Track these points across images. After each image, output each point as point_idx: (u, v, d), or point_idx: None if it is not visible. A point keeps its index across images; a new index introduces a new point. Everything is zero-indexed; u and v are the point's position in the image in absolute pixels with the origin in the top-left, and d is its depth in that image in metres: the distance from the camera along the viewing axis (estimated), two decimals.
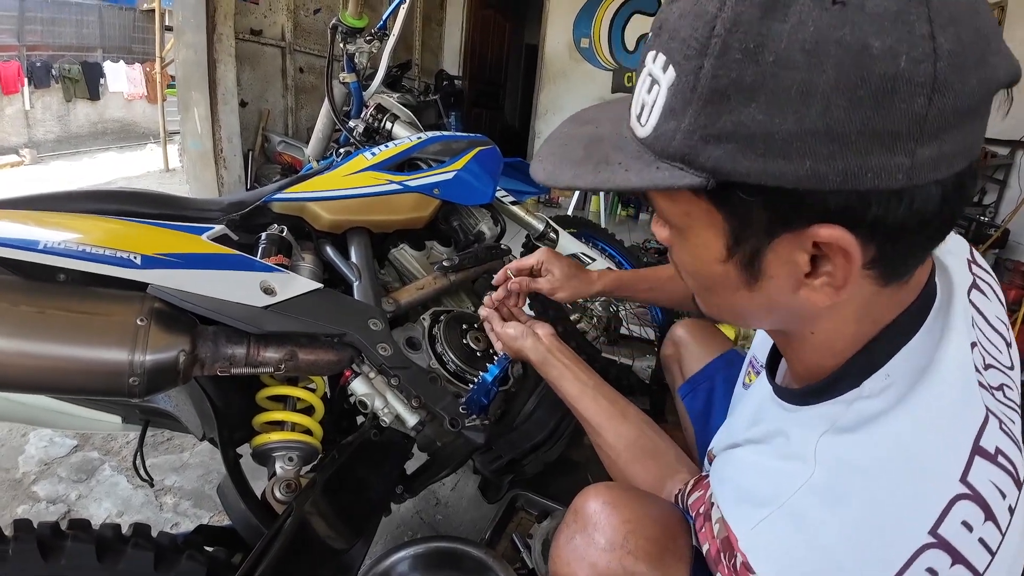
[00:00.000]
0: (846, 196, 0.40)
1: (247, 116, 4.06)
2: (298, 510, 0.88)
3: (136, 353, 0.76)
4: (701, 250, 0.50)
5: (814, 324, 0.53)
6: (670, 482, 0.81)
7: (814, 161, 0.39)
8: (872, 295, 0.49)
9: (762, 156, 0.40)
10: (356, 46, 1.77)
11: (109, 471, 1.67)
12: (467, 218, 1.52)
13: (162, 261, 0.85)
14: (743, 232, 0.46)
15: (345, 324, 0.96)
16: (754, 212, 0.44)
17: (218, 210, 1.13)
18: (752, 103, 0.39)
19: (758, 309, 0.53)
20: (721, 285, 0.52)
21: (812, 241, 0.43)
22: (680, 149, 0.43)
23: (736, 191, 0.43)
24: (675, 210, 0.50)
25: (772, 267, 0.47)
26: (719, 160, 0.41)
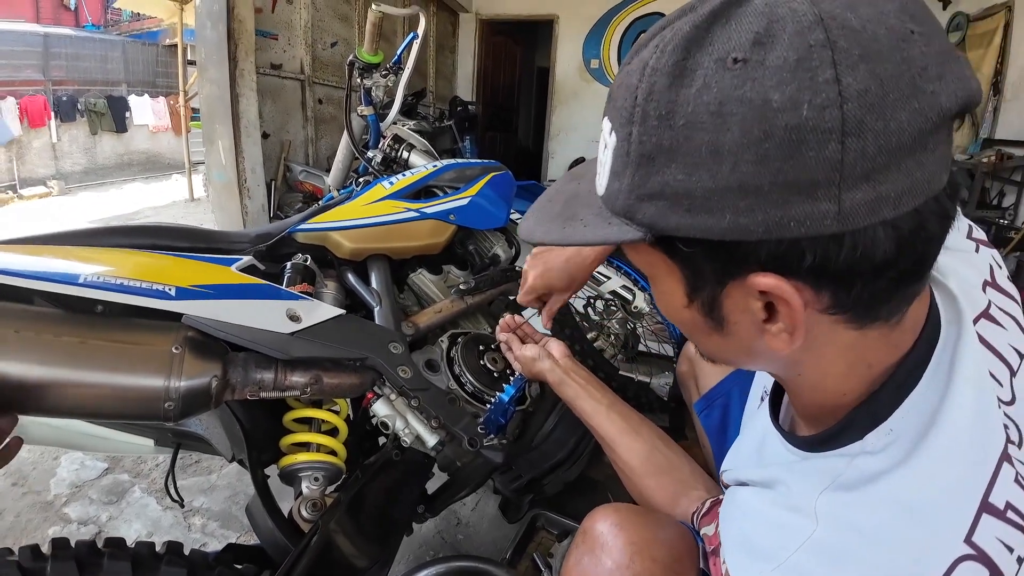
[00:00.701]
0: (775, 245, 0.40)
1: (269, 147, 4.17)
2: (323, 529, 0.91)
3: (172, 379, 0.81)
4: (668, 296, 0.51)
5: (798, 367, 0.52)
6: (684, 499, 0.82)
7: (734, 215, 0.40)
8: (855, 339, 0.47)
9: (688, 212, 0.41)
10: (373, 80, 1.84)
11: (139, 493, 1.71)
12: (482, 242, 1.56)
13: (195, 292, 0.90)
14: (697, 281, 0.47)
15: (367, 348, 1.00)
16: (699, 262, 0.46)
17: (246, 242, 1.19)
18: (672, 164, 0.41)
19: (738, 353, 0.53)
20: (696, 330, 0.52)
21: (757, 290, 0.43)
22: (623, 207, 0.46)
23: (677, 243, 0.45)
24: (640, 260, 0.52)
25: (732, 314, 0.48)
26: (653, 217, 0.44)
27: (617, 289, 1.94)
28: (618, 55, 6.81)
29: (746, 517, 0.59)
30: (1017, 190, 3.57)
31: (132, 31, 11.54)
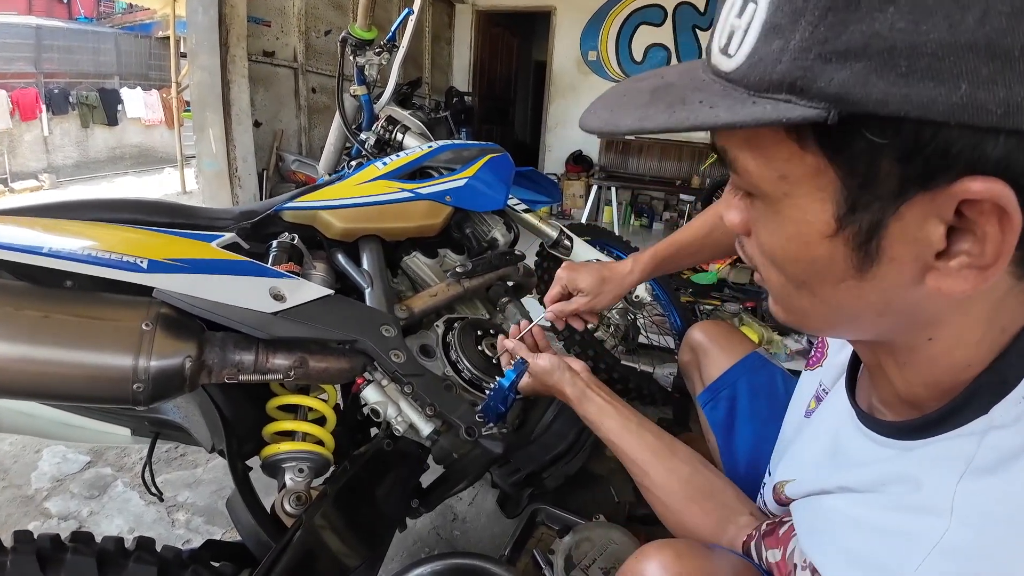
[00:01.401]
0: (1006, 140, 0.31)
1: (261, 136, 4.11)
2: (308, 523, 0.85)
3: (141, 359, 0.75)
4: (800, 226, 0.40)
5: (934, 329, 0.42)
6: (732, 526, 0.72)
7: (971, 85, 0.30)
8: (1005, 293, 0.40)
9: (904, 77, 0.31)
10: (366, 58, 1.77)
11: (122, 487, 1.66)
12: (480, 225, 1.50)
13: (169, 266, 0.84)
14: (863, 195, 0.36)
15: (357, 330, 0.93)
16: (883, 164, 0.34)
17: (229, 219, 1.12)
18: (890, 6, 0.30)
19: (865, 309, 0.42)
20: (822, 275, 0.41)
21: (956, 204, 0.34)
22: (789, 73, 0.34)
23: (863, 131, 0.33)
24: (767, 173, 0.39)
25: (894, 245, 0.37)
26: (845, 83, 0.32)
27: None
28: (616, 48, 6.74)
29: (848, 530, 0.48)
30: None
31: (125, 23, 11.43)
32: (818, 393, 0.74)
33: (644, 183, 6.28)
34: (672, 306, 2.16)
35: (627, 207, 6.52)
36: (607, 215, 6.21)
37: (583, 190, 6.43)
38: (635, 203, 6.62)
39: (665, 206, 6.66)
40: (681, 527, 0.76)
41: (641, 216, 6.51)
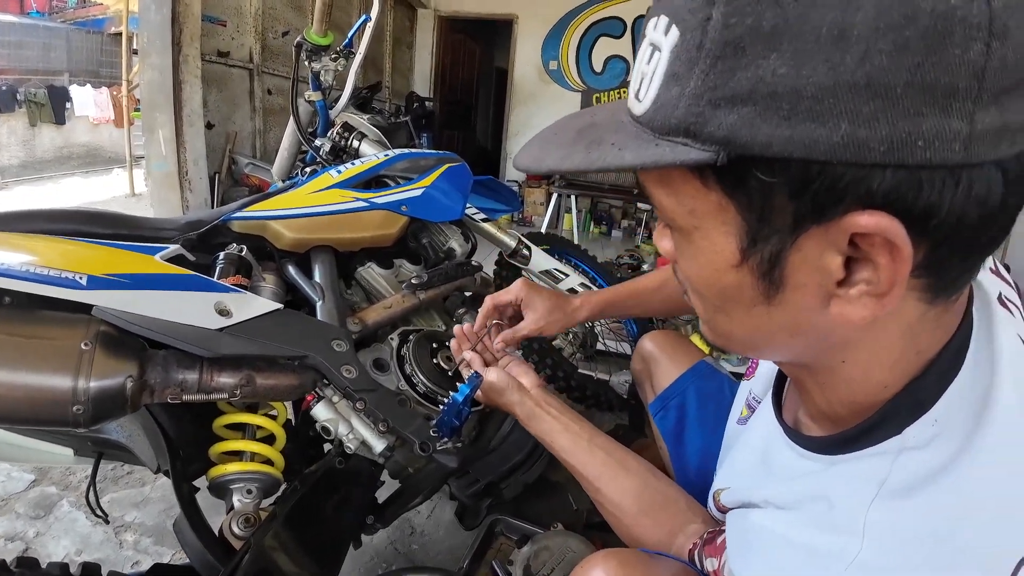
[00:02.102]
0: (892, 175, 0.32)
1: (213, 138, 3.99)
2: (256, 546, 0.82)
3: (80, 379, 0.72)
4: (710, 256, 0.42)
5: (847, 351, 0.44)
6: (681, 535, 0.73)
7: (852, 124, 0.31)
8: (918, 317, 0.41)
9: (787, 119, 0.32)
10: (322, 64, 1.74)
11: (68, 507, 1.59)
12: (437, 235, 1.49)
13: (109, 281, 0.81)
14: (761, 229, 0.38)
15: (306, 346, 0.91)
16: (775, 200, 0.36)
17: (174, 229, 1.08)
18: (773, 53, 0.32)
19: (779, 332, 0.44)
20: (734, 301, 0.43)
21: (849, 236, 0.35)
22: (684, 119, 0.36)
23: (754, 171, 0.35)
24: (678, 208, 0.41)
25: (797, 274, 0.39)
26: (733, 127, 0.34)
27: (575, 287, 1.89)
28: (576, 58, 6.83)
29: (768, 547, 0.49)
30: None
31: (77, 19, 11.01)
32: (749, 402, 0.76)
33: (603, 191, 6.35)
34: None
35: (587, 215, 6.60)
36: (567, 222, 6.26)
37: (544, 198, 6.47)
38: (594, 211, 6.70)
39: (623, 214, 6.76)
40: (633, 539, 0.77)
41: (600, 224, 6.59)
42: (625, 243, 6.08)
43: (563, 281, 1.87)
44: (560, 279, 1.87)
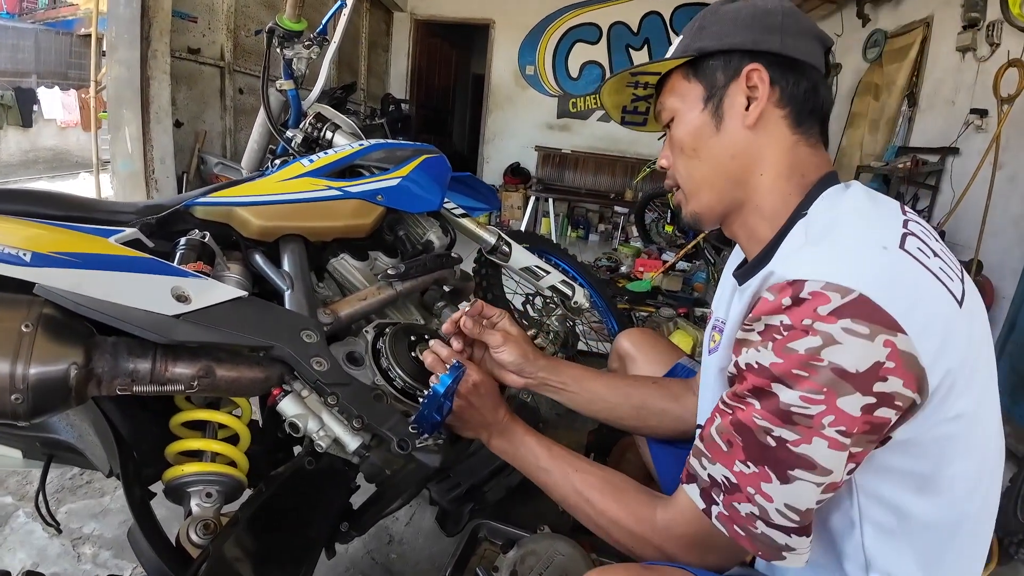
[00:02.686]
0: (760, 57, 0.74)
1: (182, 137, 3.88)
2: (215, 554, 0.75)
3: (19, 365, 0.66)
4: (691, 115, 0.78)
5: (761, 164, 0.75)
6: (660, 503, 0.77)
7: (740, 36, 0.75)
8: (793, 141, 0.74)
9: (718, 38, 0.76)
10: (294, 51, 1.67)
11: (23, 518, 1.52)
12: (414, 227, 1.43)
13: (56, 259, 0.74)
14: (712, 90, 0.76)
15: (273, 336, 0.84)
16: (717, 74, 0.76)
17: (131, 213, 1.01)
18: (711, 28, 0.78)
19: (724, 155, 0.76)
20: (701, 136, 0.77)
21: (745, 79, 0.73)
22: (686, 47, 0.79)
23: (708, 62, 0.76)
24: (677, 100, 0.80)
25: (728, 110, 0.75)
26: (700, 45, 0.77)
27: (556, 284, 1.85)
28: (553, 63, 6.86)
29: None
30: (931, 193, 3.78)
31: (47, 19, 10.73)
32: (716, 325, 0.86)
33: (580, 195, 6.38)
34: (610, 312, 2.16)
35: (564, 219, 6.60)
36: (545, 226, 6.26)
37: (521, 202, 6.46)
38: (572, 215, 6.72)
39: (600, 218, 6.79)
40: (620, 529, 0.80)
41: (578, 228, 6.60)
42: (602, 246, 6.09)
43: (543, 279, 1.83)
44: (541, 276, 1.82)
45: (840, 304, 0.56)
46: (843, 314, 0.56)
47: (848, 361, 0.56)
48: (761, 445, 0.62)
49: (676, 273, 4.03)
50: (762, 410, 0.61)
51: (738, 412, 0.64)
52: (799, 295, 0.59)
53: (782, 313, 0.60)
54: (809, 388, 0.58)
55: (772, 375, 0.60)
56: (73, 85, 9.22)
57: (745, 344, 0.65)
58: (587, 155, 6.65)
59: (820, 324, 0.57)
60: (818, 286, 0.58)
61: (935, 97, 4.00)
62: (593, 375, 1.07)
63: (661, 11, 6.47)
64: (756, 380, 0.62)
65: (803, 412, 0.59)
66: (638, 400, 1.05)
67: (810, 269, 0.60)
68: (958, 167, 3.64)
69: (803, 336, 0.58)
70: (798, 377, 0.58)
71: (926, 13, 4.14)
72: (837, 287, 0.57)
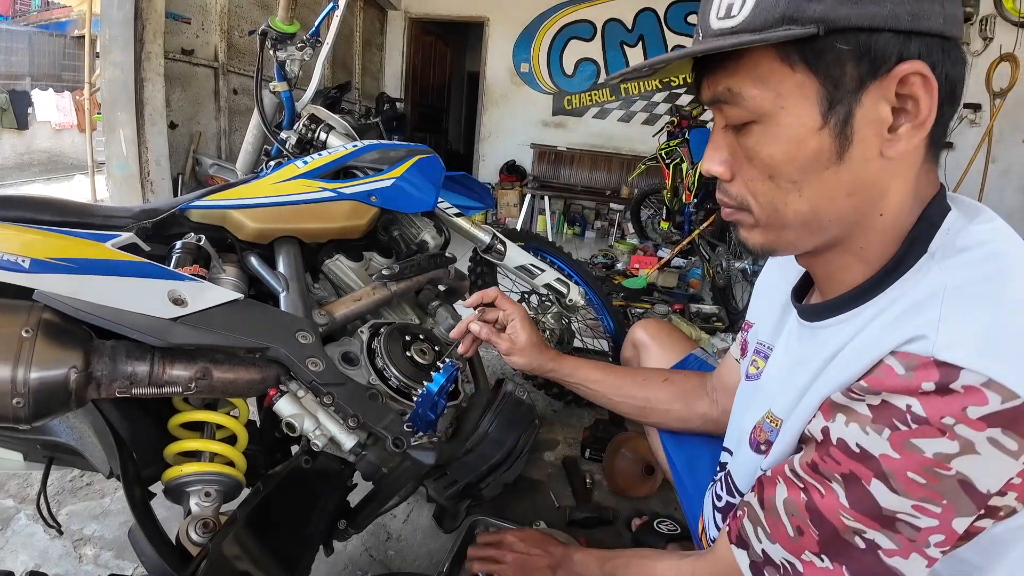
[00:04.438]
0: (916, 40, 0.49)
1: (177, 138, 3.88)
2: (214, 553, 0.76)
3: (20, 370, 0.67)
4: (795, 129, 0.53)
5: (884, 202, 0.55)
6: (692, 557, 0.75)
7: (893, 4, 0.48)
8: (921, 164, 0.56)
9: (856, 3, 0.48)
10: (287, 53, 1.67)
11: (25, 520, 1.52)
12: (408, 228, 1.44)
13: (54, 266, 0.75)
14: (836, 92, 0.51)
15: (269, 337, 0.86)
16: (846, 67, 0.50)
17: (127, 217, 1.02)
18: None
19: (840, 192, 0.55)
20: (811, 167, 0.54)
21: (895, 84, 0.50)
22: (786, 11, 0.50)
23: (835, 44, 0.49)
24: (767, 94, 0.53)
25: (861, 128, 0.52)
26: (823, 11, 0.49)
27: (552, 282, 1.86)
28: (547, 60, 6.84)
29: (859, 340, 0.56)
30: None
31: (41, 21, 10.68)
32: (760, 351, 0.80)
33: (576, 193, 6.38)
34: (605, 310, 2.17)
35: (560, 216, 6.61)
36: (541, 224, 6.27)
37: (517, 199, 6.46)
38: (568, 212, 6.72)
39: (596, 215, 6.80)
40: None
41: (574, 225, 6.61)
42: (599, 243, 6.10)
43: (539, 276, 1.84)
44: (536, 274, 1.83)
45: (997, 411, 0.45)
46: (996, 422, 0.45)
47: (979, 476, 0.46)
48: (845, 543, 0.53)
49: (672, 269, 4.04)
50: (852, 509, 0.52)
51: (816, 496, 0.54)
52: (948, 385, 0.46)
53: (916, 397, 0.47)
54: (924, 497, 0.48)
55: (879, 470, 0.49)
56: (67, 87, 9.18)
57: (847, 413, 0.53)
58: (583, 152, 6.66)
59: (964, 428, 0.46)
60: (978, 381, 0.45)
61: None
62: (601, 372, 1.10)
63: (655, 8, 6.46)
64: (852, 466, 0.51)
65: (910, 522, 0.49)
66: (641, 400, 1.07)
67: (971, 353, 0.46)
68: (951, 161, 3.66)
69: (937, 436, 0.46)
70: (912, 483, 0.48)
71: None
72: (1002, 388, 0.45)
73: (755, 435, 0.71)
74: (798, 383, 0.62)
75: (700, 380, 1.06)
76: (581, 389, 1.10)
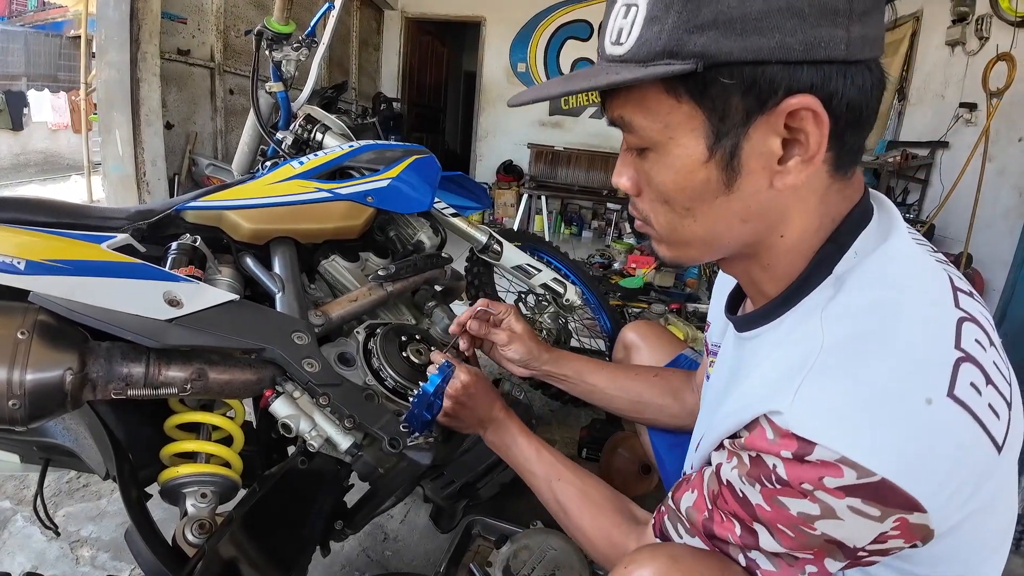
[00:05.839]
0: (807, 69, 0.47)
1: (173, 139, 3.87)
2: (210, 553, 0.76)
3: (15, 371, 0.67)
4: (684, 160, 0.52)
5: (784, 225, 0.56)
6: (633, 526, 0.78)
7: (782, 34, 0.45)
8: (827, 187, 0.54)
9: (740, 35, 0.46)
10: (283, 54, 1.67)
11: (22, 522, 1.52)
12: (405, 228, 1.44)
13: (50, 267, 0.75)
14: (722, 126, 0.50)
15: (264, 338, 0.86)
16: (732, 100, 0.49)
17: (123, 219, 1.02)
18: (707, 7, 0.46)
19: (734, 220, 0.55)
20: (700, 198, 0.54)
21: (784, 118, 0.48)
22: (667, 45, 0.48)
23: (719, 78, 0.48)
24: (655, 125, 0.52)
25: (749, 161, 0.51)
26: (705, 45, 0.46)
27: (548, 282, 1.86)
28: (544, 60, 6.85)
29: (750, 390, 0.56)
30: (921, 187, 3.82)
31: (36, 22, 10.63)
32: (712, 350, 0.82)
33: (573, 193, 6.39)
34: (602, 309, 2.17)
35: (557, 216, 6.61)
36: (538, 224, 6.27)
37: (514, 199, 6.46)
38: (565, 212, 6.73)
39: (594, 215, 6.81)
40: (591, 547, 0.84)
41: (571, 225, 6.61)
42: (596, 243, 6.10)
43: (535, 276, 1.84)
44: (533, 274, 1.84)
45: (854, 484, 0.46)
46: (855, 494, 0.46)
47: (846, 536, 0.49)
48: (745, 557, 0.56)
49: (668, 269, 4.05)
50: (740, 540, 0.55)
51: (716, 520, 0.58)
52: (804, 456, 0.48)
53: (780, 460, 0.49)
54: (794, 547, 0.51)
55: (757, 517, 0.53)
56: (63, 87, 9.15)
57: (733, 458, 0.56)
58: (580, 152, 6.65)
59: (823, 495, 0.47)
60: (831, 457, 0.46)
61: (925, 91, 4.03)
62: (595, 368, 1.11)
63: None
64: (737, 509, 0.54)
65: (789, 553, 0.52)
66: (635, 395, 1.08)
67: (822, 430, 0.47)
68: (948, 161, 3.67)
69: (799, 498, 0.49)
70: (783, 534, 0.51)
71: (916, 7, 4.17)
72: (855, 465, 0.45)
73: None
74: (723, 395, 0.65)
75: (686, 376, 1.07)
76: (576, 384, 1.10)
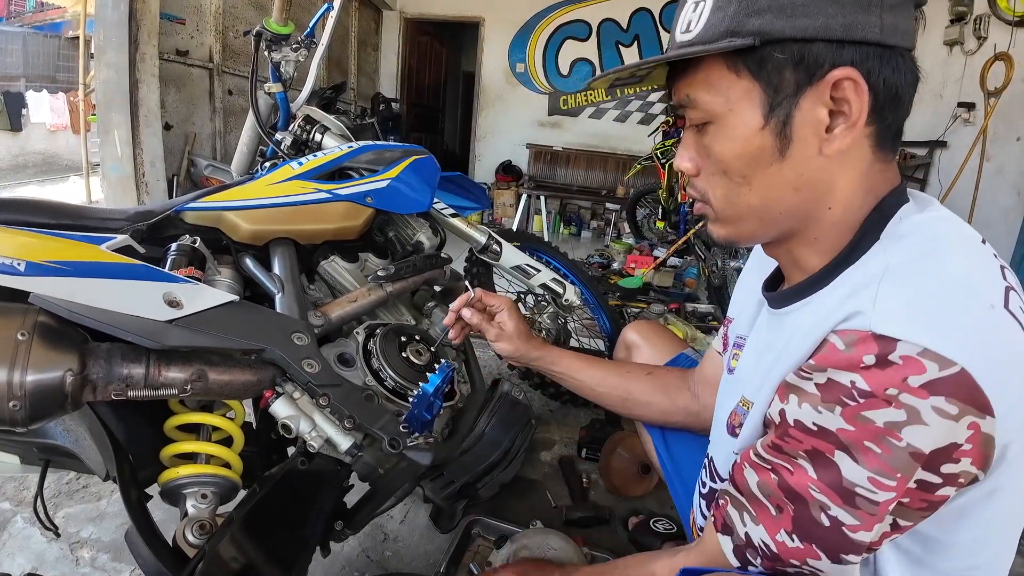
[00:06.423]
0: (849, 49, 0.55)
1: (172, 139, 3.87)
2: (210, 554, 0.76)
3: (16, 373, 0.67)
4: (741, 129, 0.60)
5: (832, 197, 0.61)
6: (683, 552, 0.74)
7: (825, 17, 0.54)
8: (870, 164, 0.60)
9: (790, 17, 0.55)
10: (282, 54, 1.67)
11: (22, 523, 1.51)
12: (404, 228, 1.44)
13: (50, 269, 0.75)
14: (776, 96, 0.57)
15: (264, 339, 0.86)
16: (785, 73, 0.56)
17: (122, 220, 1.02)
18: None
19: (786, 187, 0.61)
20: (757, 161, 0.60)
21: (830, 88, 0.55)
22: (730, 26, 0.57)
23: (773, 53, 0.56)
24: (717, 99, 0.60)
25: (800, 128, 0.58)
26: (761, 25, 0.55)
27: (547, 282, 1.86)
28: (543, 60, 6.86)
29: (808, 319, 0.60)
30: (919, 186, 3.84)
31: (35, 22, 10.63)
32: (737, 343, 0.84)
33: (572, 193, 6.40)
34: (601, 309, 2.17)
35: (556, 216, 6.62)
36: (537, 224, 6.27)
37: (513, 199, 6.46)
38: (564, 212, 6.73)
39: (592, 215, 6.81)
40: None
41: (570, 225, 6.62)
42: (595, 243, 6.10)
43: (534, 277, 1.84)
44: (532, 275, 1.84)
45: (936, 378, 0.48)
46: (937, 390, 0.48)
47: (927, 444, 0.49)
48: (814, 522, 0.55)
49: (667, 269, 4.05)
50: (820, 481, 0.55)
51: (785, 474, 0.57)
52: (887, 356, 0.49)
53: (858, 372, 0.51)
54: (879, 469, 0.51)
55: (839, 442, 0.53)
56: (62, 88, 9.15)
57: (799, 394, 0.56)
58: (578, 152, 6.67)
59: (907, 397, 0.49)
60: (914, 351, 0.48)
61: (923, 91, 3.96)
62: (586, 364, 1.13)
63: (650, 7, 6.48)
64: (814, 442, 0.55)
65: (869, 497, 0.52)
66: (623, 391, 1.10)
67: (905, 325, 0.49)
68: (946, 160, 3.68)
69: (884, 407, 0.50)
70: (869, 452, 0.51)
71: None
72: (938, 357, 0.48)
73: (731, 420, 0.75)
74: (765, 366, 0.66)
75: (682, 375, 1.08)
76: (565, 379, 1.13)
